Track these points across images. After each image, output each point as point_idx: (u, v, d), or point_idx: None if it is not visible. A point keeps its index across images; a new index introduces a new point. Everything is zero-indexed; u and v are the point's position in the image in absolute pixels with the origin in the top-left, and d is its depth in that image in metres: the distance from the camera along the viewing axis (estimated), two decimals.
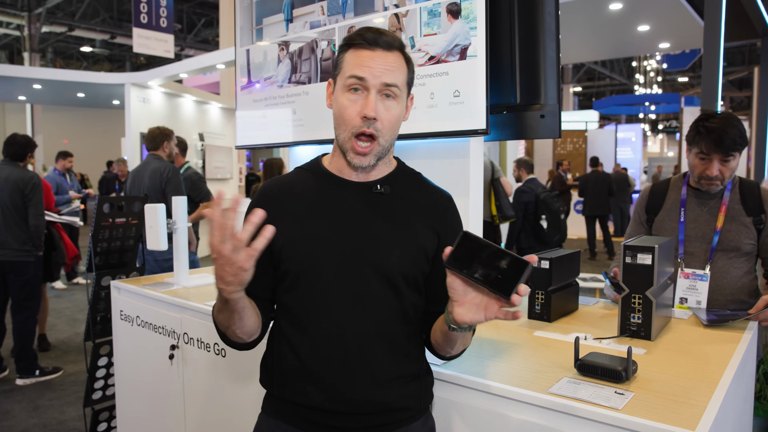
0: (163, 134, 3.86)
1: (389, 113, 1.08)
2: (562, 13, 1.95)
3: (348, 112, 1.07)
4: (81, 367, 4.07)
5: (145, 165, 3.82)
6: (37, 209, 3.78)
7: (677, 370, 1.26)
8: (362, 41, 1.07)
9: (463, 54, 1.57)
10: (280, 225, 1.04)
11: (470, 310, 0.94)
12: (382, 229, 1.10)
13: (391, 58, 1.08)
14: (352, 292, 1.08)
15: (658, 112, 22.59)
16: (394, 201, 1.14)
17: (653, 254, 1.46)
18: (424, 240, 1.12)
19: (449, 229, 1.17)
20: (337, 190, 1.14)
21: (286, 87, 2.09)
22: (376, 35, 1.07)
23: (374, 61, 1.06)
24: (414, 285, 1.12)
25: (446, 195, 1.21)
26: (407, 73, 1.12)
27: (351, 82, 1.07)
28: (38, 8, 14.65)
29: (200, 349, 1.91)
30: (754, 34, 5.23)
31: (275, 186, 1.18)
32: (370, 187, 1.14)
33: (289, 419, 1.13)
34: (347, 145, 1.09)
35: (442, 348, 1.12)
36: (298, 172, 1.21)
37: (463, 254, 0.91)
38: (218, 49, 9.79)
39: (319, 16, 1.89)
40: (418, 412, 1.15)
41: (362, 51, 1.07)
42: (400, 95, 1.09)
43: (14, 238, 3.71)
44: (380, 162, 1.13)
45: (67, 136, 15.51)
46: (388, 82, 1.06)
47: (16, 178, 3.75)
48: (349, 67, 1.07)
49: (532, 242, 4.69)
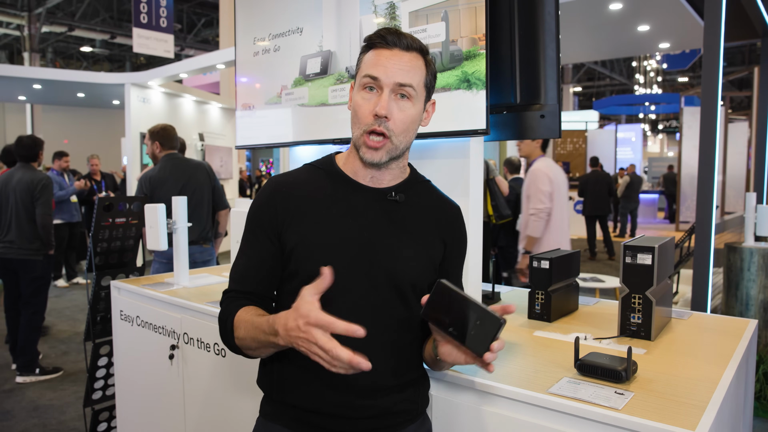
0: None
1: (403, 114, 1.07)
2: (562, 13, 1.95)
3: (361, 110, 1.07)
4: (81, 367, 4.07)
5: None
6: (44, 209, 3.92)
7: (677, 370, 1.26)
8: (381, 41, 1.07)
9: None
10: (294, 224, 1.04)
11: (452, 352, 0.99)
12: (396, 238, 1.10)
13: (408, 58, 1.07)
14: (361, 298, 1.07)
15: (658, 112, 22.60)
16: (408, 210, 1.14)
17: (653, 254, 1.46)
18: (433, 250, 1.13)
19: (456, 240, 1.18)
20: (352, 193, 1.12)
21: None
22: (396, 36, 1.07)
23: (390, 60, 1.05)
24: (420, 294, 1.12)
25: (455, 206, 1.22)
26: (425, 75, 1.10)
27: (366, 81, 1.07)
28: (38, 8, 14.64)
29: (200, 349, 1.91)
30: (754, 34, 5.23)
31: (285, 182, 1.15)
32: (385, 194, 1.13)
33: (287, 423, 1.12)
34: (360, 141, 1.08)
35: (432, 367, 1.17)
36: (310, 170, 1.18)
37: (438, 304, 0.92)
38: (218, 49, 9.79)
39: None
40: (416, 414, 1.16)
41: (381, 51, 1.07)
42: (415, 96, 1.08)
43: (24, 237, 3.89)
44: (394, 164, 1.13)
45: (67, 136, 15.49)
46: (402, 82, 1.05)
47: (29, 180, 3.94)
48: (366, 66, 1.07)
49: (510, 240, 4.73)
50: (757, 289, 3.66)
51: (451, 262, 1.19)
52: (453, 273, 1.19)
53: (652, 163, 20.37)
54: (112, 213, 2.58)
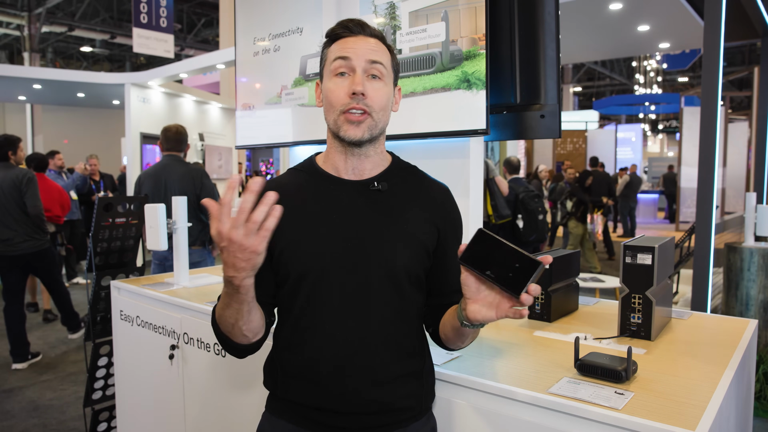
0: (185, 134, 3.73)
1: (377, 93, 1.08)
2: (562, 13, 1.95)
3: (335, 94, 1.07)
4: (81, 367, 4.08)
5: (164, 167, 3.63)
6: (33, 200, 4.10)
7: (677, 370, 1.26)
8: (344, 30, 1.09)
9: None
10: (278, 228, 1.04)
11: (483, 308, 0.94)
12: (384, 227, 1.10)
13: (373, 42, 1.10)
14: (355, 292, 1.07)
15: (658, 112, 22.61)
16: (392, 197, 1.13)
17: (653, 254, 1.46)
18: (424, 235, 1.12)
19: (448, 222, 1.17)
20: (335, 190, 1.12)
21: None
22: (359, 25, 1.09)
23: (357, 43, 1.08)
24: (416, 282, 1.12)
25: (443, 187, 1.21)
26: (391, 58, 1.13)
27: (336, 65, 1.08)
28: (38, 8, 14.64)
29: (200, 349, 1.91)
30: (754, 34, 5.22)
31: (267, 188, 1.16)
32: (367, 185, 1.13)
33: (292, 419, 1.13)
34: (340, 120, 1.08)
35: (453, 342, 1.12)
36: (292, 173, 1.20)
37: (477, 251, 0.92)
38: (218, 49, 9.78)
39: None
40: (420, 411, 1.15)
41: (344, 39, 1.09)
42: (386, 75, 1.10)
43: (24, 232, 4.09)
44: (372, 149, 1.13)
45: (67, 136, 15.49)
46: (374, 59, 1.07)
47: (12, 177, 4.09)
48: (333, 54, 1.09)
49: (510, 240, 4.75)
50: (757, 289, 3.66)
51: (448, 244, 1.16)
52: (451, 256, 1.16)
53: (652, 163, 20.37)
54: (112, 213, 2.58)
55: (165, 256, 3.53)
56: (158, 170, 3.61)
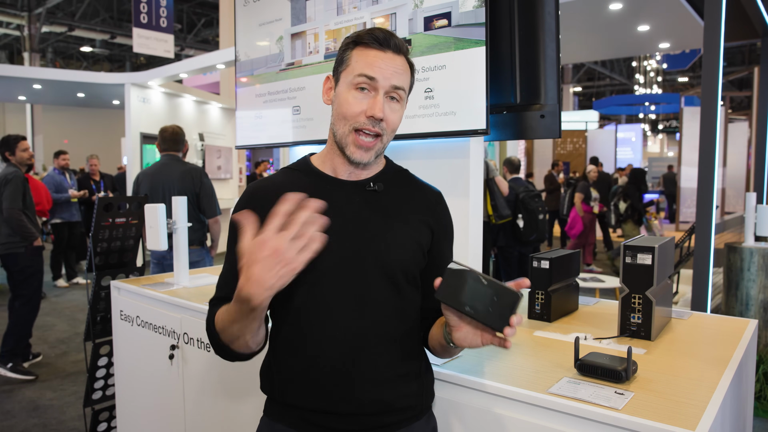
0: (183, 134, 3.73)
1: (394, 115, 1.09)
2: (562, 13, 1.95)
3: (353, 109, 1.07)
4: (81, 367, 4.07)
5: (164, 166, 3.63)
6: (9, 203, 3.97)
7: (677, 370, 1.26)
8: (372, 40, 1.07)
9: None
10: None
11: (468, 335, 0.96)
12: (380, 227, 1.10)
13: (399, 61, 1.08)
14: (353, 292, 1.07)
15: (658, 112, 22.60)
16: (388, 198, 1.14)
17: (653, 254, 1.46)
18: (419, 235, 1.13)
19: (441, 225, 1.18)
20: (331, 190, 1.12)
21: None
22: (387, 36, 1.07)
23: (385, 62, 1.06)
24: (413, 281, 1.13)
25: (436, 191, 1.22)
26: (410, 78, 1.13)
27: (360, 80, 1.06)
28: (38, 8, 14.65)
29: (200, 349, 1.91)
30: (754, 34, 5.22)
31: (263, 187, 1.15)
32: (364, 185, 1.14)
33: (291, 422, 1.11)
34: (347, 139, 1.08)
35: (440, 355, 1.15)
36: (287, 173, 1.19)
37: (453, 286, 0.91)
38: (218, 49, 9.78)
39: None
40: (421, 411, 1.15)
41: (371, 50, 1.07)
42: (403, 99, 1.11)
43: (0, 233, 3.99)
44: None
45: (67, 136, 15.51)
46: (398, 84, 1.07)
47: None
48: (359, 65, 1.06)
49: (510, 240, 4.75)
50: (757, 289, 3.66)
51: (441, 246, 1.18)
52: (444, 258, 1.17)
53: (652, 163, 20.37)
54: (112, 213, 2.58)
55: (163, 255, 3.53)
56: (157, 169, 3.61)
